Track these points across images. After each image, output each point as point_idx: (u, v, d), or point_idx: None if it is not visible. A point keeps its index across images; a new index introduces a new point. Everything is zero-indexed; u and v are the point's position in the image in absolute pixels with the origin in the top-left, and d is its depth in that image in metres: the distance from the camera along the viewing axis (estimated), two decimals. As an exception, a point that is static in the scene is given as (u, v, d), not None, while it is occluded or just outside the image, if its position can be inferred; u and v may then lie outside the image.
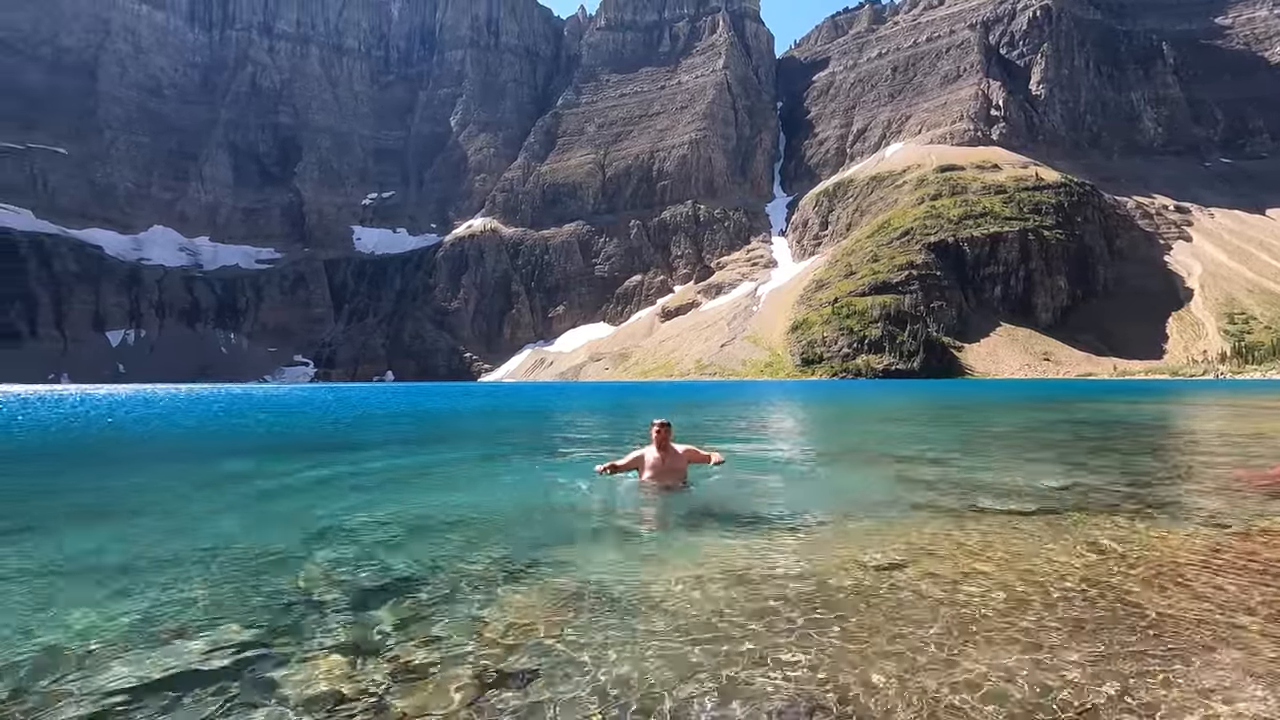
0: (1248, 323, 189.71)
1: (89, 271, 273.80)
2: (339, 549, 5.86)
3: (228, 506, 8.36)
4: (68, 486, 10.38)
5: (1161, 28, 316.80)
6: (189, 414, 32.26)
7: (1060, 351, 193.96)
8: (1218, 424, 22.54)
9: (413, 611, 4.15)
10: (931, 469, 10.89)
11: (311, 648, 3.64)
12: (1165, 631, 3.60)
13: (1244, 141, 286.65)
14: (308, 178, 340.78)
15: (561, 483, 8.86)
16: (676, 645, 3.52)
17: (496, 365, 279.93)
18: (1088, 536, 5.88)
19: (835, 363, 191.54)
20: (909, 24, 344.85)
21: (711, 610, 4.10)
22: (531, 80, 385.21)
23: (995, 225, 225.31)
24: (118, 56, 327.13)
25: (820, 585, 4.49)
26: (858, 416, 28.69)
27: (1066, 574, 4.71)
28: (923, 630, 3.65)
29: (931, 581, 4.56)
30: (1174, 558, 5.05)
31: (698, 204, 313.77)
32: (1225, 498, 7.70)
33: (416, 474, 11.31)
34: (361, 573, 5.09)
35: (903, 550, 5.40)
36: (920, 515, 6.93)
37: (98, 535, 6.64)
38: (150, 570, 5.25)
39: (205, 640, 3.76)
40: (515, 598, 4.39)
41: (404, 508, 7.77)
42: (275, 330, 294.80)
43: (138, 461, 14.38)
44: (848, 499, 7.96)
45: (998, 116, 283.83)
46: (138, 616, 4.18)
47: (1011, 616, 3.86)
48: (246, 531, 6.69)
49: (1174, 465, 11.13)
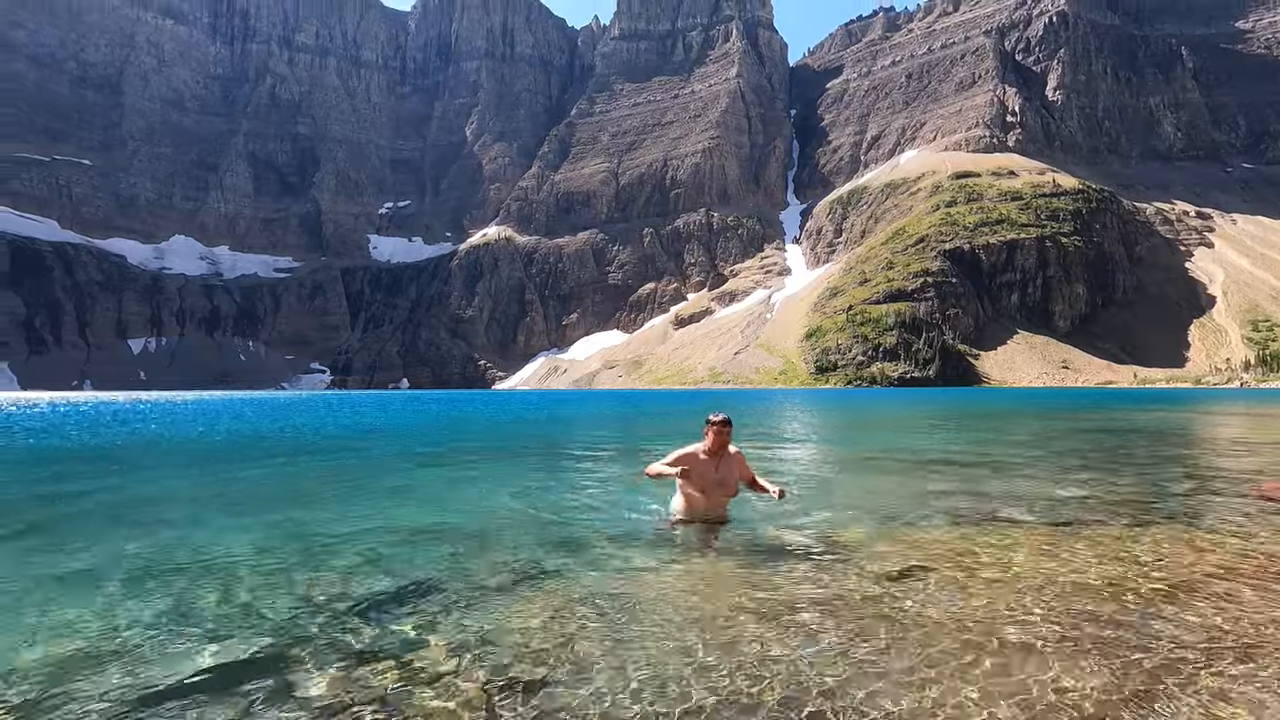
0: (1272, 330, 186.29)
1: (112, 280, 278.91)
2: (362, 555, 5.89)
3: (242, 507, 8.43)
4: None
5: (1180, 32, 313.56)
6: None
7: (1079, 359, 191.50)
8: (1241, 433, 22.09)
9: (426, 619, 4.15)
10: (946, 477, 10.75)
11: (323, 654, 3.62)
12: (1189, 644, 3.55)
13: (1266, 146, 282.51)
14: (325, 188, 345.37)
15: (587, 487, 8.80)
16: (686, 654, 3.48)
17: (510, 373, 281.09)
18: (1108, 547, 5.77)
19: (850, 370, 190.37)
20: (923, 31, 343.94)
21: (721, 617, 4.09)
22: (546, 90, 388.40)
23: (1012, 232, 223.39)
24: (141, 70, 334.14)
25: (834, 594, 4.48)
26: (872, 425, 28.46)
27: (1086, 585, 4.63)
28: (934, 640, 3.61)
29: (944, 590, 4.51)
30: (1197, 569, 4.97)
31: (711, 211, 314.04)
32: (1249, 509, 7.54)
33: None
34: (378, 579, 5.08)
35: (916, 559, 5.37)
36: (934, 524, 6.84)
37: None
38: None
39: (217, 645, 3.75)
40: (527, 605, 4.37)
41: (438, 515, 7.79)
42: (292, 338, 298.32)
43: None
44: (859, 507, 7.87)
45: (1014, 123, 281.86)
46: (148, 622, 4.17)
47: (1029, 627, 3.81)
48: (260, 540, 6.73)
49: (1196, 475, 10.91)
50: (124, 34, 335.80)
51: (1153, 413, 34.66)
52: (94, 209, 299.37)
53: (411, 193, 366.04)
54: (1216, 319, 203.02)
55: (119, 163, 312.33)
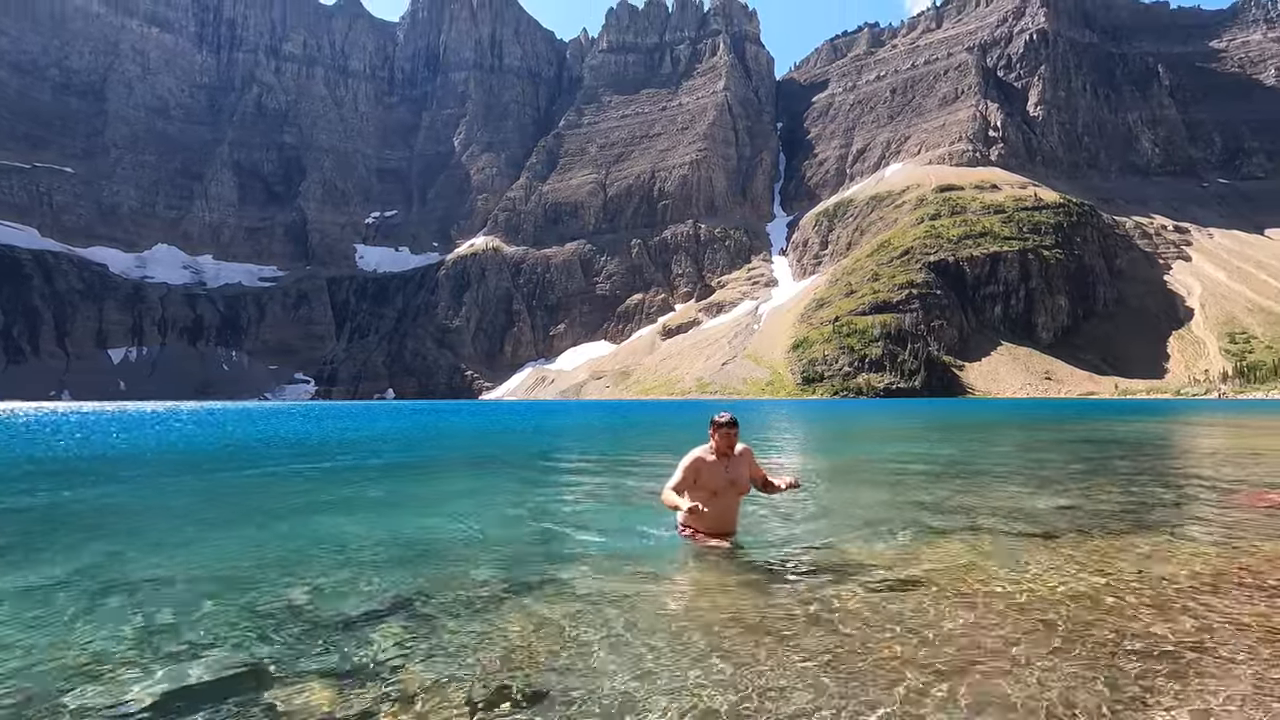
0: (1249, 342, 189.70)
1: (92, 289, 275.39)
2: (349, 566, 5.77)
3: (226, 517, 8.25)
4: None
5: (1157, 50, 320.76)
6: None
7: (1061, 371, 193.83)
8: (1219, 443, 22.39)
9: (410, 632, 4.08)
10: (929, 488, 10.78)
11: (308, 668, 3.55)
12: (1167, 653, 3.57)
13: (1240, 162, 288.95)
14: (311, 197, 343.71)
15: (575, 500, 8.73)
16: (676, 666, 3.46)
17: (498, 383, 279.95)
18: (1088, 557, 5.79)
19: (836, 381, 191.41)
20: (907, 47, 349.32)
21: (711, 629, 4.08)
22: (534, 101, 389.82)
23: (995, 245, 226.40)
24: (125, 78, 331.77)
25: (820, 605, 4.49)
26: (858, 436, 28.56)
27: (1067, 595, 4.66)
28: (917, 652, 3.61)
29: (926, 603, 4.52)
30: (1176, 579, 5.01)
31: (698, 223, 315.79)
32: (1228, 519, 7.60)
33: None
34: (359, 591, 5.05)
35: (898, 570, 5.38)
36: (917, 536, 6.83)
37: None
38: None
39: (200, 660, 3.67)
40: (518, 616, 4.34)
41: (420, 526, 7.67)
42: (277, 348, 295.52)
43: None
44: (843, 518, 7.85)
45: (996, 137, 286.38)
46: (138, 634, 4.08)
47: (1009, 638, 3.82)
48: (245, 548, 6.59)
49: (1175, 485, 11.00)
50: (108, 41, 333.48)
51: (1134, 424, 35.06)
52: (75, 217, 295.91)
53: (398, 202, 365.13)
54: (1195, 331, 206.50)
55: (101, 170, 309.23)
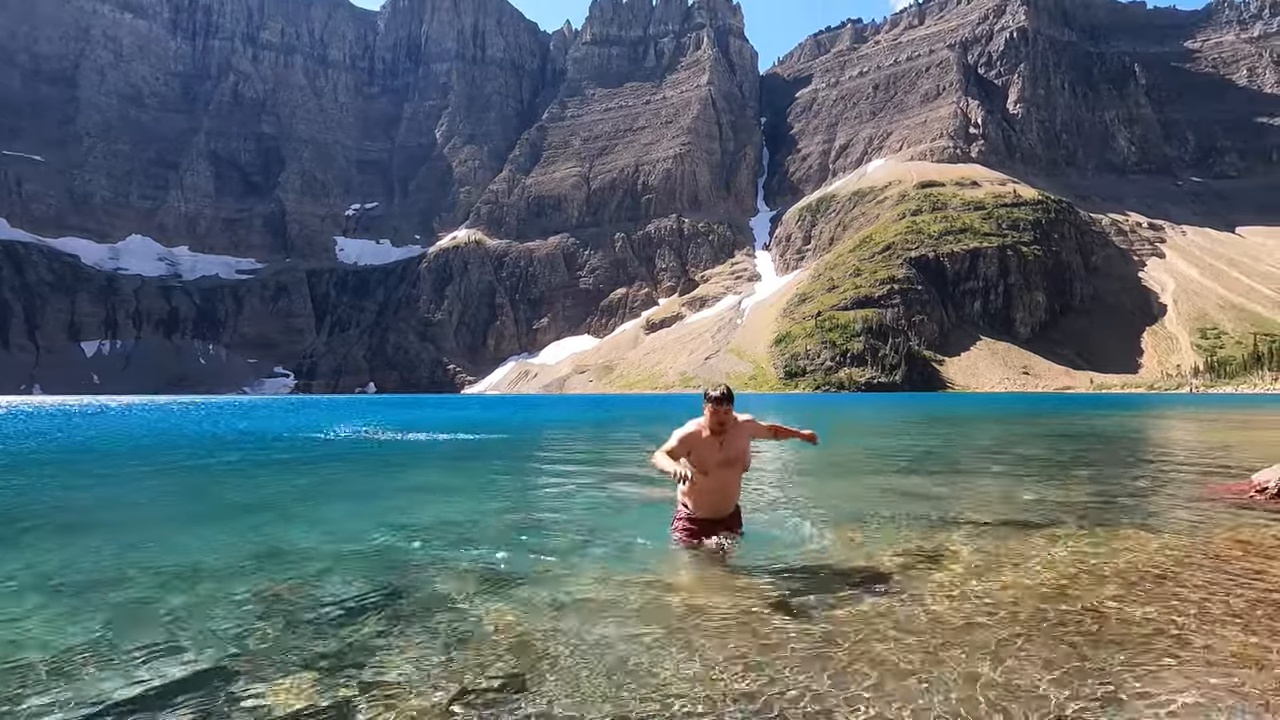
0: (1219, 338, 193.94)
1: (64, 281, 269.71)
2: (326, 558, 5.68)
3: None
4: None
5: (1134, 50, 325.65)
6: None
7: (1039, 365, 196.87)
8: (1191, 436, 22.88)
9: (393, 625, 4.06)
10: (908, 481, 10.88)
11: (287, 661, 3.53)
12: (1136, 640, 3.66)
13: (1213, 161, 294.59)
14: (290, 188, 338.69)
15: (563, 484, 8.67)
16: (660, 664, 3.45)
17: (480, 377, 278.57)
18: (1061, 547, 5.86)
19: (818, 376, 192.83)
20: (890, 43, 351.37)
21: (689, 618, 4.10)
22: (517, 94, 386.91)
23: (975, 241, 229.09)
24: (98, 64, 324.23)
25: (798, 596, 4.51)
26: (841, 429, 28.77)
27: (1039, 585, 4.73)
28: (895, 642, 3.66)
29: (903, 593, 4.54)
30: (1147, 567, 5.12)
31: (682, 217, 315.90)
32: (1197, 508, 7.75)
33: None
34: (341, 585, 5.04)
35: (874, 562, 5.41)
36: (894, 527, 6.88)
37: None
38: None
39: (175, 656, 3.62)
40: (500, 607, 4.34)
41: (405, 517, 7.58)
42: (255, 341, 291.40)
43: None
44: (823, 511, 7.89)
45: (976, 134, 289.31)
46: (109, 631, 4.03)
47: (983, 627, 3.88)
48: (225, 541, 6.46)
49: (1147, 477, 11.20)
50: (79, 27, 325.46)
51: (1109, 417, 35.67)
52: (45, 207, 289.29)
53: (379, 194, 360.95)
54: (1168, 326, 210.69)
55: (73, 159, 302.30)
